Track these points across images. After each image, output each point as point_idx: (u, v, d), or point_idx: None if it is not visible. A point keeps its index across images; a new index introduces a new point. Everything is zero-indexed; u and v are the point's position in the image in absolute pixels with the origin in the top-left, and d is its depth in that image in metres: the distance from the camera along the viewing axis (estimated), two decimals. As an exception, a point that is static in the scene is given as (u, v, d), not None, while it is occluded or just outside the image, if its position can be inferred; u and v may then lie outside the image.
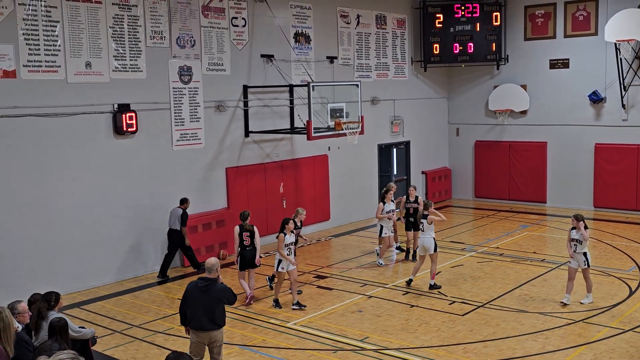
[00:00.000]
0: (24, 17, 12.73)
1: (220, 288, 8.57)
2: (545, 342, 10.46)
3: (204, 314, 8.46)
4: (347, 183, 20.03)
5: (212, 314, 8.47)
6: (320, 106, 15.35)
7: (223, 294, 8.55)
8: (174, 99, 15.41)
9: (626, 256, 15.57)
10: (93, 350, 9.22)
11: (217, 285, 8.56)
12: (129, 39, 14.43)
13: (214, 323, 8.51)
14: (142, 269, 14.95)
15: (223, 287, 8.63)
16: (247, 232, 12.65)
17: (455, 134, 24.04)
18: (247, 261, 12.64)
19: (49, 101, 13.23)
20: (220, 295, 8.52)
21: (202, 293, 8.48)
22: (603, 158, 20.83)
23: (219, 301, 8.51)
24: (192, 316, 8.53)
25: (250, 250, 12.64)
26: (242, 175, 16.97)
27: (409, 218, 15.50)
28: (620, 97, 20.17)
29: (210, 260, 8.74)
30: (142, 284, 14.28)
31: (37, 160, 13.11)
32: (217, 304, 8.50)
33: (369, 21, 20.49)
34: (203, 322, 8.48)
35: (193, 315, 8.52)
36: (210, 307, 8.46)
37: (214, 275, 8.63)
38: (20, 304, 7.82)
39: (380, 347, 10.43)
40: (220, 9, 16.24)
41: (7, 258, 12.68)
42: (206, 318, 8.46)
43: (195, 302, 8.50)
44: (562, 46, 21.35)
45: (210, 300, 8.45)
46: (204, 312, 8.46)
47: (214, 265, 8.65)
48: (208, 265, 8.69)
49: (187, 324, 8.68)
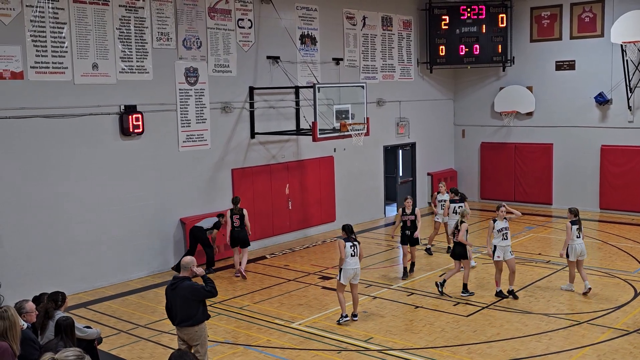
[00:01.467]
0: (32, 19, 12.83)
1: (186, 285, 8.64)
2: (549, 343, 10.48)
3: (178, 311, 8.68)
4: (353, 184, 20.06)
5: (184, 310, 8.64)
6: (325, 107, 15.39)
7: (190, 292, 8.60)
8: (180, 100, 15.49)
9: (631, 258, 15.55)
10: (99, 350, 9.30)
11: (184, 283, 8.67)
12: (135, 40, 14.52)
13: (187, 319, 8.65)
14: (148, 269, 15.03)
15: (190, 285, 8.66)
16: (237, 215, 14.59)
17: (461, 135, 24.05)
18: (236, 240, 14.62)
19: (56, 102, 13.32)
20: (185, 292, 8.60)
21: (172, 291, 8.71)
22: (609, 160, 20.81)
23: (186, 298, 8.60)
24: (173, 314, 8.79)
25: (239, 231, 14.56)
26: (248, 176, 17.03)
27: (405, 231, 14.29)
28: (626, 98, 20.15)
29: (185, 258, 8.90)
30: (148, 284, 14.36)
31: (43, 161, 13.20)
32: (186, 301, 8.60)
33: (374, 23, 20.53)
34: (178, 318, 8.71)
35: (173, 314, 8.79)
36: (182, 304, 8.63)
37: (186, 274, 8.76)
38: (27, 303, 7.90)
39: (384, 348, 10.46)
40: (226, 10, 16.32)
41: (14, 258, 12.78)
42: (180, 315, 8.67)
43: (170, 300, 8.76)
44: (568, 48, 21.33)
45: (179, 297, 8.62)
46: (179, 309, 8.67)
47: (189, 263, 8.80)
48: (183, 263, 8.85)
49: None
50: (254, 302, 12.97)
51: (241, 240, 14.67)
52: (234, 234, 14.64)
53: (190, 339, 8.75)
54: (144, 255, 14.93)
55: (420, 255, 16.18)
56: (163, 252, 15.31)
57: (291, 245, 17.67)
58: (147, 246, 14.96)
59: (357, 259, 11.39)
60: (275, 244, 17.75)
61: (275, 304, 12.80)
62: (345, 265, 11.30)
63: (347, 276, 11.35)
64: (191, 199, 15.82)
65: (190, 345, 8.81)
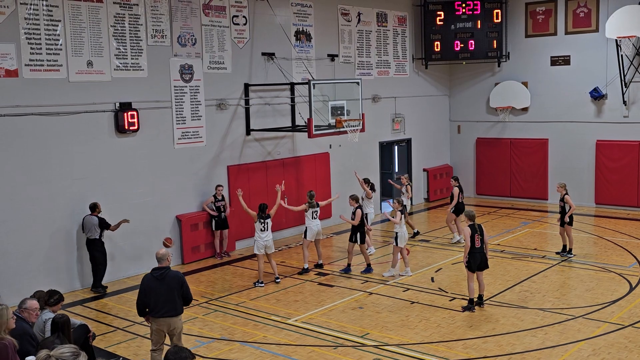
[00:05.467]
0: (26, 17, 12.80)
1: (174, 274, 8.84)
2: (545, 337, 10.51)
3: (164, 301, 8.73)
4: (349, 181, 20.04)
5: (172, 300, 8.75)
6: (321, 104, 15.39)
7: (179, 280, 8.81)
8: (176, 98, 15.47)
9: (627, 252, 15.60)
10: (95, 346, 9.32)
11: (171, 272, 8.84)
12: (130, 37, 14.50)
13: (174, 309, 8.78)
14: (144, 265, 15.00)
15: (177, 273, 8.89)
16: (222, 202, 15.99)
17: (456, 131, 24.08)
18: (220, 223, 15.95)
19: (50, 100, 13.30)
20: (175, 281, 8.77)
21: (158, 282, 8.76)
22: (604, 155, 20.85)
23: (175, 287, 8.75)
24: (154, 305, 8.80)
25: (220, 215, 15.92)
26: (244, 173, 17.03)
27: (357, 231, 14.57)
28: (621, 93, 20.18)
29: (159, 251, 9.03)
30: (144, 282, 14.33)
31: (39, 158, 13.17)
32: (174, 290, 8.75)
33: (369, 19, 20.52)
34: (164, 309, 8.76)
35: (155, 304, 8.79)
36: (170, 293, 8.73)
37: (165, 264, 8.87)
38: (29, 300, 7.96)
39: (380, 343, 10.49)
40: (221, 7, 16.29)
41: (10, 256, 12.76)
42: (167, 305, 8.75)
43: (154, 291, 8.78)
44: (563, 43, 21.36)
45: (168, 287, 8.72)
46: (165, 300, 8.73)
47: (165, 255, 8.93)
48: (158, 256, 8.93)
49: (147, 313, 8.94)
50: (250, 299, 12.99)
51: (224, 223, 16.07)
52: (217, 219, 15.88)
53: (174, 328, 8.88)
54: (140, 252, 14.91)
55: (417, 251, 16.23)
56: (159, 249, 15.25)
57: (287, 242, 17.68)
58: (143, 243, 14.94)
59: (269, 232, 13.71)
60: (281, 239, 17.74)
61: (271, 301, 12.82)
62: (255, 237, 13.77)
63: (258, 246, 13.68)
64: (187, 196, 15.82)
65: (171, 336, 8.92)
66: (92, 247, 13.64)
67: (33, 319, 7.91)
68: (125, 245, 14.64)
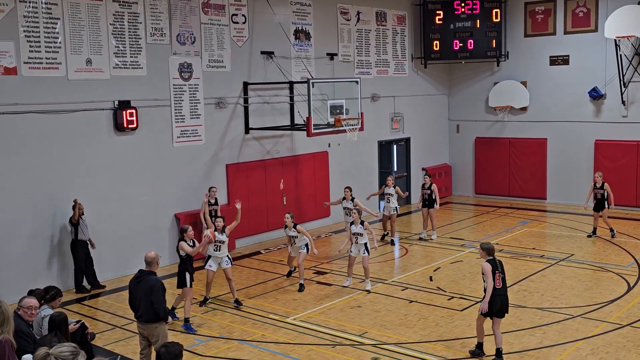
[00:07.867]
0: (25, 14, 12.79)
1: (150, 281, 8.58)
2: (543, 337, 10.52)
3: (139, 305, 8.66)
4: (347, 180, 20.04)
5: (146, 305, 8.57)
6: (320, 103, 15.40)
7: (151, 288, 8.50)
8: (175, 96, 15.47)
9: (625, 252, 15.61)
10: (94, 345, 9.31)
11: (150, 278, 8.64)
12: (129, 35, 14.49)
13: (148, 314, 8.60)
14: (142, 264, 14.97)
15: (152, 281, 8.59)
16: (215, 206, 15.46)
17: (455, 130, 24.08)
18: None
19: (49, 98, 13.29)
20: (148, 287, 8.51)
21: (137, 284, 8.69)
22: (603, 154, 20.86)
23: (150, 292, 8.51)
24: (133, 307, 8.80)
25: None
26: (243, 171, 17.03)
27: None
28: (620, 93, 20.19)
29: (149, 253, 8.84)
30: (142, 280, 14.33)
31: (37, 157, 13.16)
32: (149, 295, 8.52)
33: (369, 18, 20.52)
34: (139, 312, 8.71)
35: (133, 307, 8.79)
36: (145, 297, 8.55)
37: (152, 269, 8.73)
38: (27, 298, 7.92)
39: (378, 342, 10.49)
40: (220, 5, 16.29)
41: (9, 255, 12.75)
42: (142, 309, 8.64)
43: (133, 293, 8.74)
44: (562, 43, 21.36)
45: (143, 290, 8.56)
46: (140, 303, 8.64)
47: (154, 258, 8.77)
48: (147, 258, 8.78)
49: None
50: (249, 297, 12.99)
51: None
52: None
53: (149, 334, 8.71)
54: (138, 250, 14.86)
55: (416, 250, 16.23)
56: (158, 247, 15.21)
57: (286, 241, 17.62)
58: (142, 241, 14.92)
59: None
60: (270, 239, 17.77)
61: (270, 299, 12.82)
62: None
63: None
64: (186, 195, 15.81)
65: (150, 343, 8.74)
66: (72, 248, 13.60)
67: (29, 317, 7.84)
68: (122, 243, 14.62)
